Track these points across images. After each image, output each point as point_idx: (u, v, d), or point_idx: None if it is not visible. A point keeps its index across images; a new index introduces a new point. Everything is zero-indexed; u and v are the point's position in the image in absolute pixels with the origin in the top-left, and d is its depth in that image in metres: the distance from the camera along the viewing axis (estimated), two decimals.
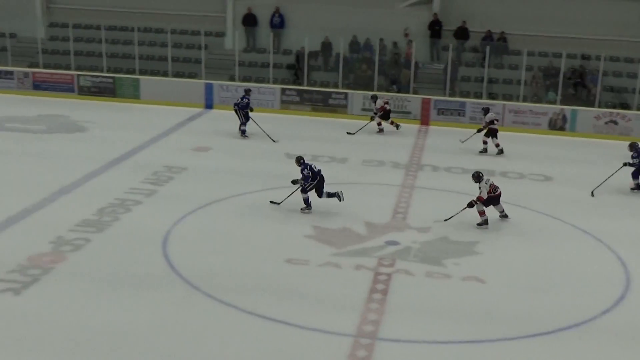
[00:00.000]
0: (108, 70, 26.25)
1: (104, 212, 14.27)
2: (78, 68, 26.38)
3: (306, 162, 14.91)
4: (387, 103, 22.08)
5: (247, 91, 21.41)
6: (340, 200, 14.87)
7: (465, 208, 14.40)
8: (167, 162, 17.83)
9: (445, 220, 14.50)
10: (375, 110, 22.01)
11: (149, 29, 27.39)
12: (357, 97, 24.04)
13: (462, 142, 20.74)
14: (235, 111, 20.80)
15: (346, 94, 24.16)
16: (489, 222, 14.44)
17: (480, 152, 20.28)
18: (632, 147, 17.14)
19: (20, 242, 12.78)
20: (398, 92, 24.71)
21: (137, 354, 9.39)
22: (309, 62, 25.47)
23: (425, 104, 23.69)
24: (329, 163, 18.55)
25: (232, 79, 25.61)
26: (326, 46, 26.36)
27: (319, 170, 14.86)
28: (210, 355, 9.45)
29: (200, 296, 11.03)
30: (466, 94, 24.83)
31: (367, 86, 24.91)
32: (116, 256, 12.38)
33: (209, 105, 24.29)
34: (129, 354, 9.39)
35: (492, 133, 20.23)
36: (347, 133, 21.86)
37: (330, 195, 14.88)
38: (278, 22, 27.26)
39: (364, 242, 13.37)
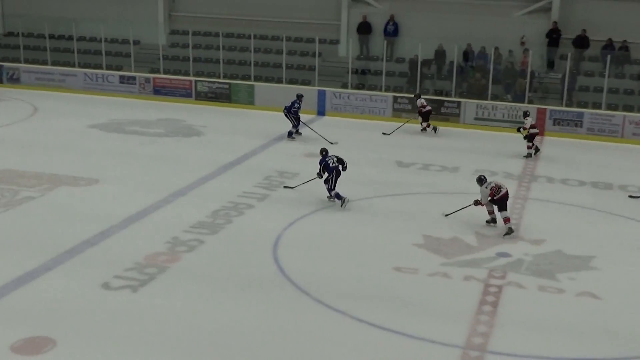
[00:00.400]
0: (224, 77, 26.89)
1: (217, 215, 14.62)
2: (196, 74, 27.17)
3: (327, 156, 15.55)
4: (424, 106, 22.50)
5: (300, 96, 21.66)
6: (342, 206, 15.21)
7: (470, 205, 14.52)
8: (279, 167, 18.09)
9: (446, 215, 14.82)
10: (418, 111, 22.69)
11: (265, 37, 27.93)
12: (470, 105, 23.72)
13: (531, 155, 20.17)
14: (286, 115, 21.27)
15: (459, 102, 23.88)
16: (514, 229, 14.15)
17: (524, 156, 20.12)
18: None
19: (138, 241, 13.24)
20: (512, 101, 24.23)
21: (243, 355, 9.55)
22: (422, 70, 25.32)
23: (541, 114, 23.10)
24: (441, 172, 18.38)
25: (344, 86, 25.76)
26: (440, 54, 26.15)
27: (336, 166, 15.39)
28: None
29: (309, 301, 11.12)
30: (584, 105, 24.08)
31: (481, 95, 24.54)
32: (228, 258, 12.65)
33: (321, 112, 24.50)
34: (235, 354, 9.56)
35: (532, 137, 20.13)
36: (383, 133, 22.25)
37: (338, 196, 15.31)
38: (392, 30, 27.23)
39: (475, 253, 13.16)
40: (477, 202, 14.41)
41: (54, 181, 16.49)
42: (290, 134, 21.32)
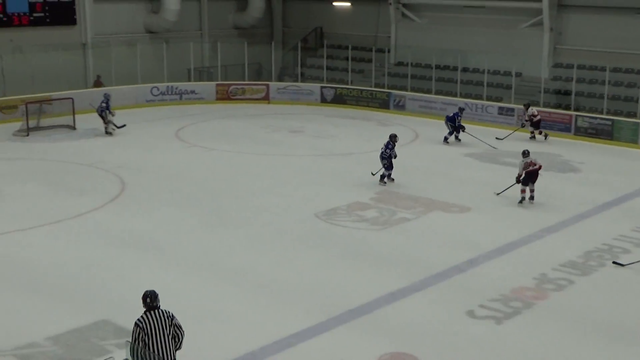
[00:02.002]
0: (607, 112, 25.69)
1: (590, 256, 13.97)
2: (577, 109, 26.33)
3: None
4: (534, 115, 24.33)
5: (461, 109, 24.32)
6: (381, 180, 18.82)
7: (514, 184, 17.15)
8: None
9: (497, 194, 17.61)
10: (527, 118, 24.54)
11: None
12: None
13: None
14: (445, 122, 24.14)
15: None
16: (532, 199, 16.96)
17: None
18: None
19: (506, 273, 13.20)
20: None
21: None
22: None
23: None
24: None
25: None
26: None
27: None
28: None
29: None
30: None
31: None
32: (599, 303, 12.04)
33: None
34: None
35: None
36: (496, 138, 24.34)
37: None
38: None
39: None
40: (517, 180, 16.96)
41: (429, 205, 17.11)
42: (445, 139, 24.01)
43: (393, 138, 18.93)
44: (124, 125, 24.83)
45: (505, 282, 12.64)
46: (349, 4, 35.12)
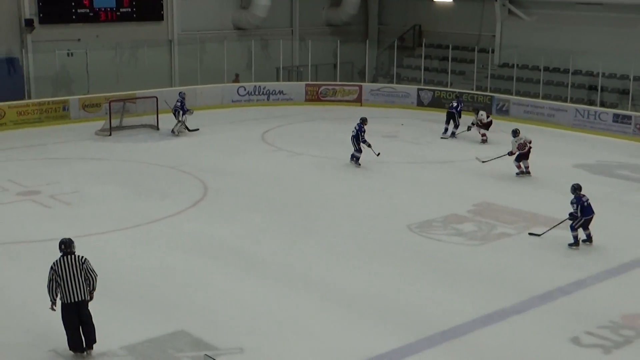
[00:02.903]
0: None
1: None
2: None
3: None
4: (488, 116, 25.53)
5: (459, 97, 26.86)
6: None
7: (504, 155, 20.22)
8: None
9: (483, 162, 20.69)
10: (474, 121, 25.10)
11: None
12: None
13: None
14: (452, 113, 25.76)
15: None
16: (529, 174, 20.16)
17: None
18: None
19: (616, 297, 12.81)
20: None
21: None
22: None
23: None
24: None
25: None
26: None
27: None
28: None
29: None
30: None
31: None
32: None
33: None
34: None
35: None
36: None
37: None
38: None
39: None
40: (510, 153, 20.10)
41: (532, 220, 16.78)
42: (453, 134, 25.54)
43: (364, 121, 21.36)
44: (197, 130, 25.28)
45: (615, 308, 12.26)
46: (450, 0, 34.87)
